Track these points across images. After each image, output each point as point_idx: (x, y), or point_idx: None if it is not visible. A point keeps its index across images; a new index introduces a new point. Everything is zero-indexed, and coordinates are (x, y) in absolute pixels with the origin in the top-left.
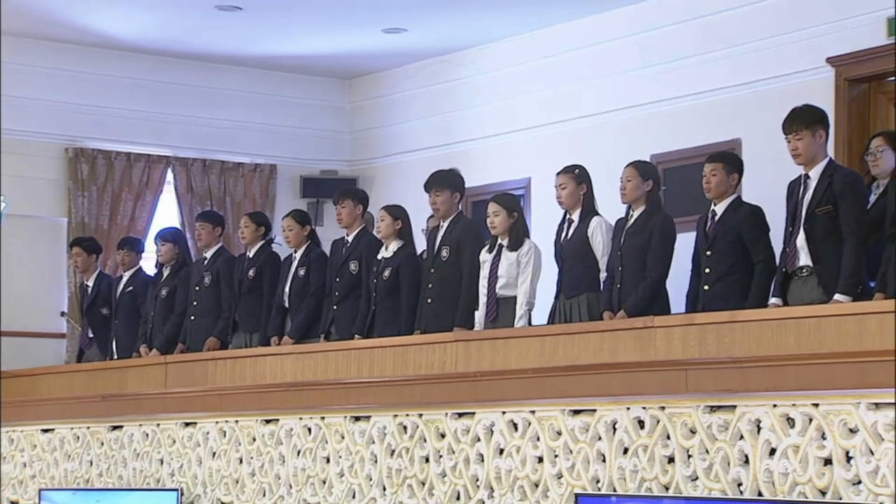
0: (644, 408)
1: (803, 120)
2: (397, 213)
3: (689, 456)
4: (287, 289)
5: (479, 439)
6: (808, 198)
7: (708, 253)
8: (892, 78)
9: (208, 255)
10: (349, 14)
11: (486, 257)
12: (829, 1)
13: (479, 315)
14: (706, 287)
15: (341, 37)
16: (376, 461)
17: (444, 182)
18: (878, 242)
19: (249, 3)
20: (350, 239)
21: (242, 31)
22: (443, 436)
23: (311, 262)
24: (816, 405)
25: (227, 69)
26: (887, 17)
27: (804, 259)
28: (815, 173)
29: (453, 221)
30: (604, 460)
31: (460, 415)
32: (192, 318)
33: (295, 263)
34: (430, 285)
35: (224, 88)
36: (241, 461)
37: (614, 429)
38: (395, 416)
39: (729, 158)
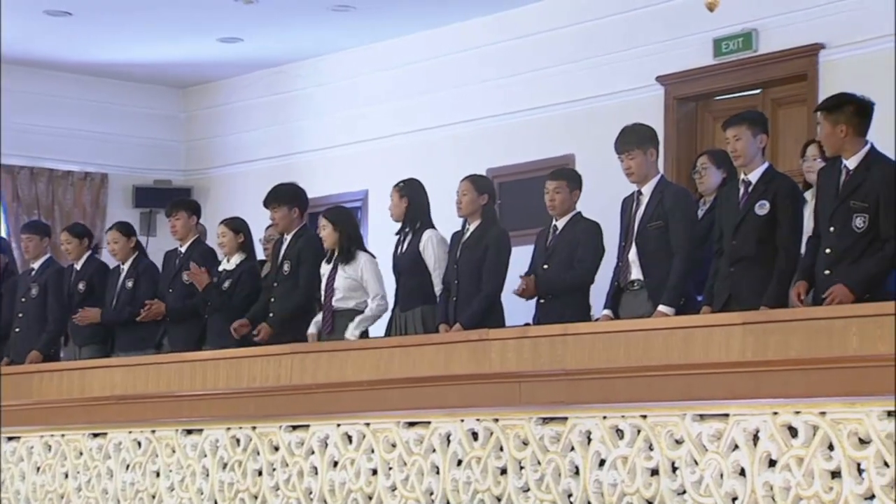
0: (478, 420)
1: (634, 139)
2: (239, 227)
3: (522, 467)
4: (114, 301)
5: (313, 452)
6: (641, 213)
7: (545, 266)
8: (719, 97)
9: (36, 266)
10: (184, 22)
11: (324, 269)
12: (659, 21)
13: (313, 328)
14: (542, 301)
15: (176, 45)
16: (208, 475)
17: (282, 198)
18: (705, 257)
19: (80, 8)
20: (183, 250)
21: (73, 37)
22: (276, 448)
23: (140, 273)
24: (645, 417)
25: (58, 76)
26: (714, 38)
27: (635, 273)
28: (647, 190)
29: (296, 235)
30: (438, 472)
31: (294, 427)
32: (17, 329)
33: (122, 275)
34: (272, 299)
35: (54, 95)
36: (66, 476)
37: (448, 441)
38: (229, 428)
39: (571, 175)
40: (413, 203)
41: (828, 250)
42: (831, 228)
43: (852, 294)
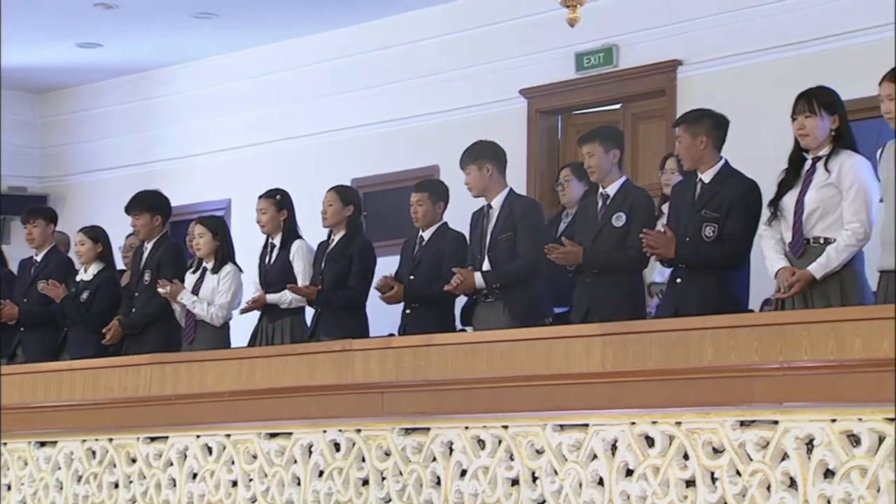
0: (340, 430)
1: (471, 156)
2: (97, 236)
3: (384, 478)
4: None
5: (171, 464)
6: (492, 226)
7: (412, 277)
8: (581, 111)
9: None
10: (41, 26)
11: (189, 279)
12: (522, 35)
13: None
14: (408, 311)
15: (33, 49)
16: (62, 488)
17: (145, 205)
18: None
19: None
20: (39, 258)
21: None
22: (134, 461)
23: None
24: (506, 427)
25: None
26: (576, 52)
27: None
28: (496, 203)
29: (156, 244)
30: (299, 484)
31: (153, 439)
32: None
33: None
34: (133, 309)
35: None
36: None
37: (310, 452)
38: (84, 440)
39: (434, 187)
40: (291, 214)
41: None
42: (686, 238)
43: (674, 252)
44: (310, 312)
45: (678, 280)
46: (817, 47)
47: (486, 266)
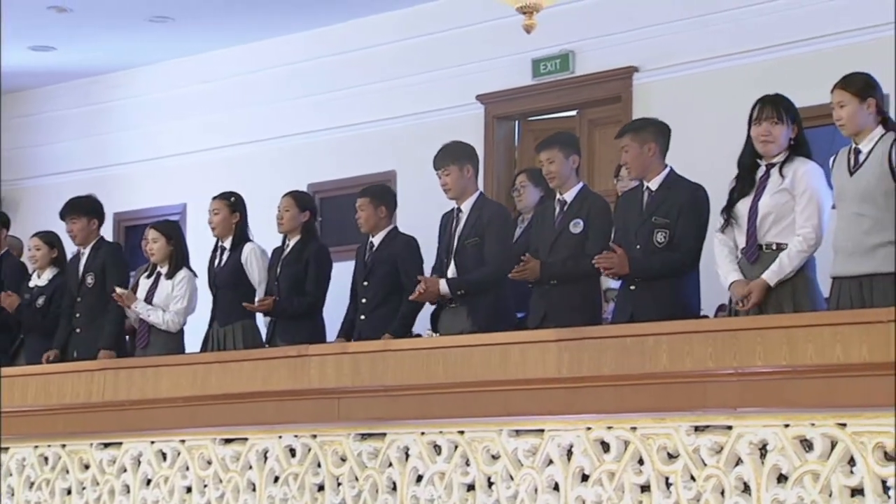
0: (296, 436)
1: (450, 156)
2: (52, 241)
3: (339, 484)
4: None
5: (125, 470)
6: (460, 230)
7: (365, 283)
8: (538, 117)
9: None
10: None
11: (143, 284)
12: (479, 40)
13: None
14: (363, 317)
15: None
16: (13, 494)
17: (80, 209)
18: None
19: None
20: None
21: None
22: (87, 467)
23: None
24: (462, 432)
25: None
26: (532, 58)
27: None
28: (466, 206)
29: (95, 247)
30: (254, 489)
31: (106, 445)
32: None
33: None
34: (77, 315)
35: None
36: None
37: (265, 457)
38: (36, 447)
39: (377, 192)
40: (244, 217)
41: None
42: (637, 246)
43: (628, 268)
44: (264, 317)
45: (632, 287)
46: (772, 55)
47: (451, 270)
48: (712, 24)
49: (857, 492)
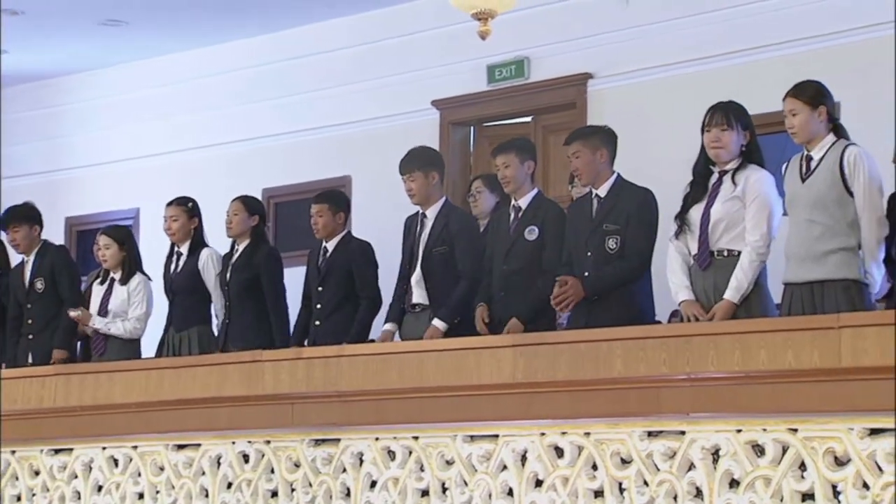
0: (249, 442)
1: (416, 162)
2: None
3: (293, 490)
4: None
5: (76, 476)
6: (426, 237)
7: (319, 288)
8: (493, 123)
9: None
10: None
11: (97, 290)
12: (435, 46)
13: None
14: (317, 322)
15: None
16: None
17: (21, 217)
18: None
19: None
20: None
21: None
22: (37, 473)
23: None
24: (416, 438)
25: None
26: (487, 64)
27: (418, 296)
28: (431, 213)
29: (39, 254)
30: (207, 496)
31: (57, 451)
32: None
33: None
34: (29, 321)
35: None
36: None
37: (219, 463)
38: None
39: (334, 198)
40: (200, 222)
41: (586, 274)
42: (588, 254)
43: (584, 292)
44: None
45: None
46: (726, 62)
47: (416, 277)
48: (667, 32)
49: (807, 496)
